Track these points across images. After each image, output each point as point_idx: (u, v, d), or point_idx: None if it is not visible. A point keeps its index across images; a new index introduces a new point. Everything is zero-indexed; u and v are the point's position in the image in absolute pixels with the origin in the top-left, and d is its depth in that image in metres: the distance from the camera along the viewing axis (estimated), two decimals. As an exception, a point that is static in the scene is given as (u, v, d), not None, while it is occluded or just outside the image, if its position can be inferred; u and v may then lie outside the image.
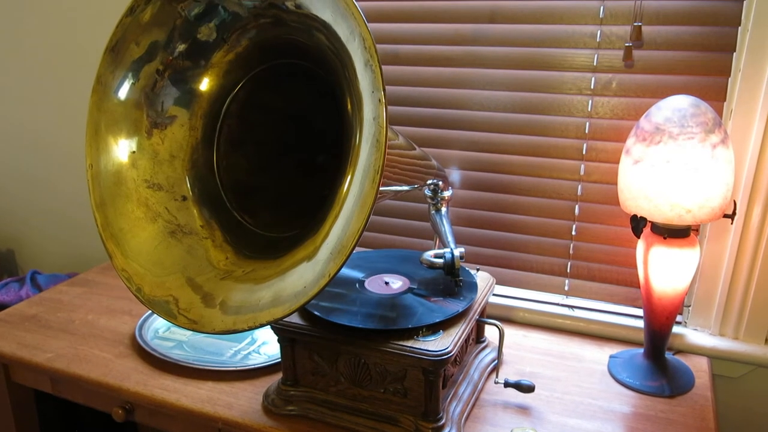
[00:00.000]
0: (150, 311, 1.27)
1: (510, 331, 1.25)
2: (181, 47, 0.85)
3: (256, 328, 0.72)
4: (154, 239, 0.85)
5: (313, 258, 0.72)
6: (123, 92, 0.86)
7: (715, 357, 1.18)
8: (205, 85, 0.89)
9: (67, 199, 1.78)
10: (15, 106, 1.75)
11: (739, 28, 1.05)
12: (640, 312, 1.21)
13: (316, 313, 0.94)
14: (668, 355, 1.14)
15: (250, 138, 0.95)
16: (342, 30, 0.70)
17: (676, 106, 0.96)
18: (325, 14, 0.71)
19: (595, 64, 1.15)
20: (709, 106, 0.96)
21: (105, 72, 0.84)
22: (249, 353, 1.15)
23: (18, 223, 1.89)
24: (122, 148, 0.86)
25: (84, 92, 1.62)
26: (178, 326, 0.78)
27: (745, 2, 1.03)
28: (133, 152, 0.86)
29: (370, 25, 1.26)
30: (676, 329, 1.20)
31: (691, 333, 1.20)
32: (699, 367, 1.14)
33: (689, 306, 1.21)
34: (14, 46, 1.68)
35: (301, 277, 0.72)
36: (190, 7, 0.83)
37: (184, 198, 0.89)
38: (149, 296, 0.81)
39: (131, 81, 0.85)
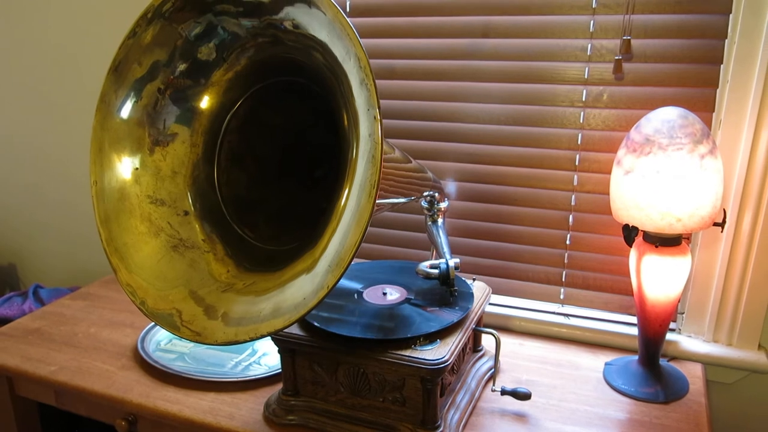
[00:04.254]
0: (152, 324, 1.29)
1: (506, 340, 1.27)
2: (181, 66, 0.88)
3: (258, 339, 0.74)
4: (157, 253, 0.87)
5: (312, 270, 0.74)
6: (126, 111, 0.88)
7: (709, 363, 1.19)
8: (205, 102, 0.91)
9: (68, 215, 1.80)
10: (20, 124, 1.78)
11: (726, 40, 1.07)
12: (634, 320, 1.23)
13: (315, 324, 0.96)
14: (663, 361, 1.16)
15: (249, 154, 0.97)
16: (338, 50, 0.72)
17: (664, 118, 0.98)
18: (322, 34, 0.74)
19: (586, 76, 1.18)
20: (697, 117, 0.99)
21: (108, 91, 0.86)
22: (250, 364, 1.17)
23: (20, 238, 1.91)
24: (125, 165, 0.88)
25: (86, 111, 1.65)
26: (182, 338, 0.80)
27: (731, 15, 1.06)
28: (136, 169, 0.88)
29: (366, 41, 1.30)
30: (670, 336, 1.22)
31: (686, 340, 1.22)
32: (693, 373, 1.16)
33: (683, 313, 1.23)
34: (21, 65, 1.71)
35: (300, 289, 0.74)
36: (191, 28, 0.85)
37: (186, 213, 0.91)
38: (153, 309, 0.83)
39: (134, 100, 0.87)
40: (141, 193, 0.88)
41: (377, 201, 0.71)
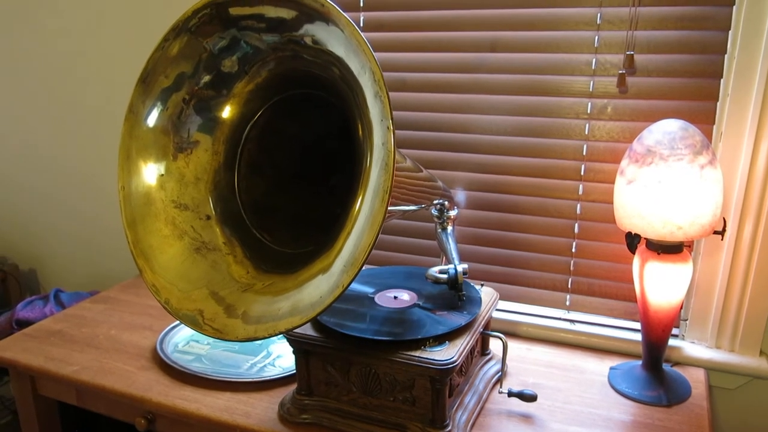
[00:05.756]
0: (170, 326, 1.34)
1: (514, 345, 1.30)
2: (205, 78, 0.92)
3: (276, 335, 0.78)
4: (181, 255, 0.91)
5: (327, 271, 0.78)
6: (152, 120, 0.93)
7: (711, 369, 1.22)
8: (227, 112, 0.96)
9: (88, 222, 1.85)
10: (42, 133, 1.83)
11: (726, 55, 1.11)
12: (638, 325, 1.26)
13: (329, 325, 1.00)
14: (666, 366, 1.19)
15: (268, 161, 1.01)
16: (354, 64, 0.77)
17: (666, 130, 1.02)
18: (339, 50, 0.78)
19: (591, 90, 1.22)
20: (697, 129, 1.02)
21: (136, 101, 0.91)
22: (265, 366, 1.21)
23: (40, 244, 1.96)
24: (151, 171, 0.93)
25: (107, 120, 1.70)
26: (204, 335, 0.84)
27: (731, 31, 1.10)
28: (162, 175, 0.93)
29: (380, 55, 1.35)
30: (674, 342, 1.25)
31: (689, 346, 1.25)
32: (696, 378, 1.18)
33: (686, 320, 1.25)
34: (44, 76, 1.77)
35: (317, 289, 0.78)
36: (215, 42, 0.90)
37: (208, 217, 0.96)
38: (176, 308, 0.87)
39: (160, 109, 0.92)
40: (166, 197, 0.93)
41: (389, 207, 0.75)
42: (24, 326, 1.49)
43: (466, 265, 1.07)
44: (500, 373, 1.16)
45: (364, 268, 0.76)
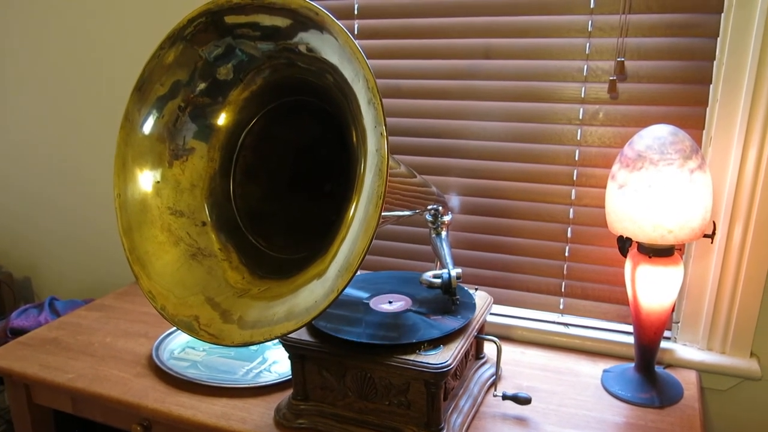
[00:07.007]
0: (166, 333, 1.34)
1: (508, 349, 1.31)
2: (201, 86, 0.93)
3: (272, 339, 0.79)
4: (176, 261, 0.92)
5: (322, 276, 0.79)
6: (148, 127, 0.93)
7: (703, 371, 1.23)
8: (222, 120, 0.97)
9: (83, 229, 1.85)
10: (40, 138, 1.83)
11: (715, 62, 1.13)
12: (631, 328, 1.27)
13: (324, 330, 1.00)
14: (659, 369, 1.20)
15: (263, 168, 1.02)
16: (348, 72, 0.78)
17: (656, 135, 1.03)
18: (333, 58, 0.79)
19: (583, 96, 1.23)
20: (686, 134, 1.04)
21: (132, 109, 0.92)
22: (260, 372, 1.21)
23: (35, 251, 1.95)
24: (147, 179, 0.94)
25: (106, 126, 1.71)
26: (200, 340, 0.85)
27: (719, 38, 1.11)
28: (157, 182, 0.94)
29: (374, 62, 1.36)
30: (666, 344, 1.26)
31: (681, 348, 1.26)
32: (688, 380, 1.19)
33: (678, 322, 1.27)
34: (48, 80, 1.77)
35: (312, 293, 0.79)
36: (210, 50, 0.91)
37: (204, 223, 0.96)
38: (172, 314, 0.87)
39: (155, 117, 0.93)
40: (161, 204, 0.93)
41: (383, 213, 0.76)
42: (18, 335, 1.49)
43: (460, 270, 1.08)
44: (495, 377, 1.17)
45: (358, 273, 0.77)
